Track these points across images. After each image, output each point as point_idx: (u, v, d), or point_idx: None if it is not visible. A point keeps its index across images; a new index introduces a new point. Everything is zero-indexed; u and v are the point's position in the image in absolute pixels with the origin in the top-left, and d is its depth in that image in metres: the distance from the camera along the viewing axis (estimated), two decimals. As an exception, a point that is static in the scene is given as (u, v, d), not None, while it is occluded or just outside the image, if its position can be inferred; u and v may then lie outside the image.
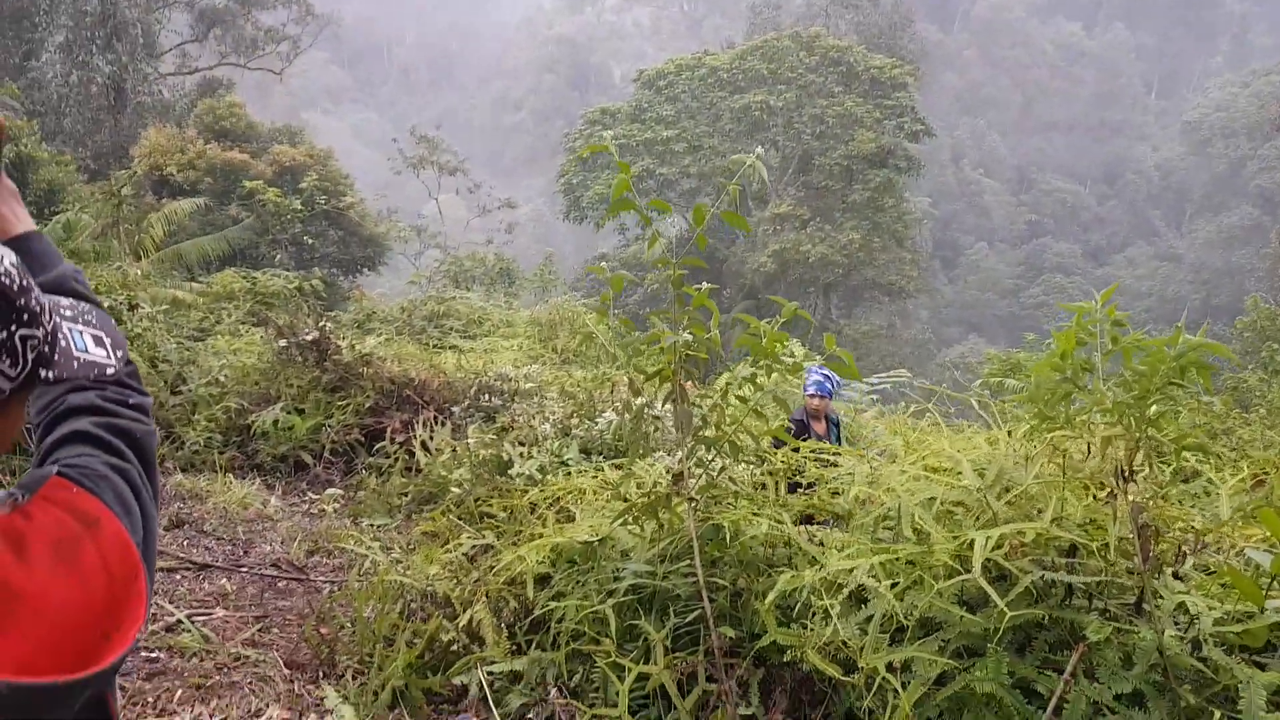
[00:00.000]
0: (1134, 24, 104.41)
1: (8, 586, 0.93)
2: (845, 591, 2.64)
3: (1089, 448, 2.76)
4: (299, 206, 20.05)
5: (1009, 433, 3.26)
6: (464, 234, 35.67)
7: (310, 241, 20.72)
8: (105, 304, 9.59)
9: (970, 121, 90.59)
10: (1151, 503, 2.53)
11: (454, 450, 7.72)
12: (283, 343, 9.06)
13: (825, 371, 5.97)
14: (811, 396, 6.06)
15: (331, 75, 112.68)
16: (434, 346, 12.41)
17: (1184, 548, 2.66)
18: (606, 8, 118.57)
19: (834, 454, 4.00)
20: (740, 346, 3.79)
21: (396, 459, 8.01)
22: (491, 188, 40.56)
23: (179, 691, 4.09)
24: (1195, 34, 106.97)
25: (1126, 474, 2.44)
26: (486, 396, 9.09)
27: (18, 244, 1.34)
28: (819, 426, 6.05)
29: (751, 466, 4.06)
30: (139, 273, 11.94)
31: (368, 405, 8.74)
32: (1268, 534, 2.41)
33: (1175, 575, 2.69)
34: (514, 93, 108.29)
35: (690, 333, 3.56)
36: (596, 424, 7.76)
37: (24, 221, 1.38)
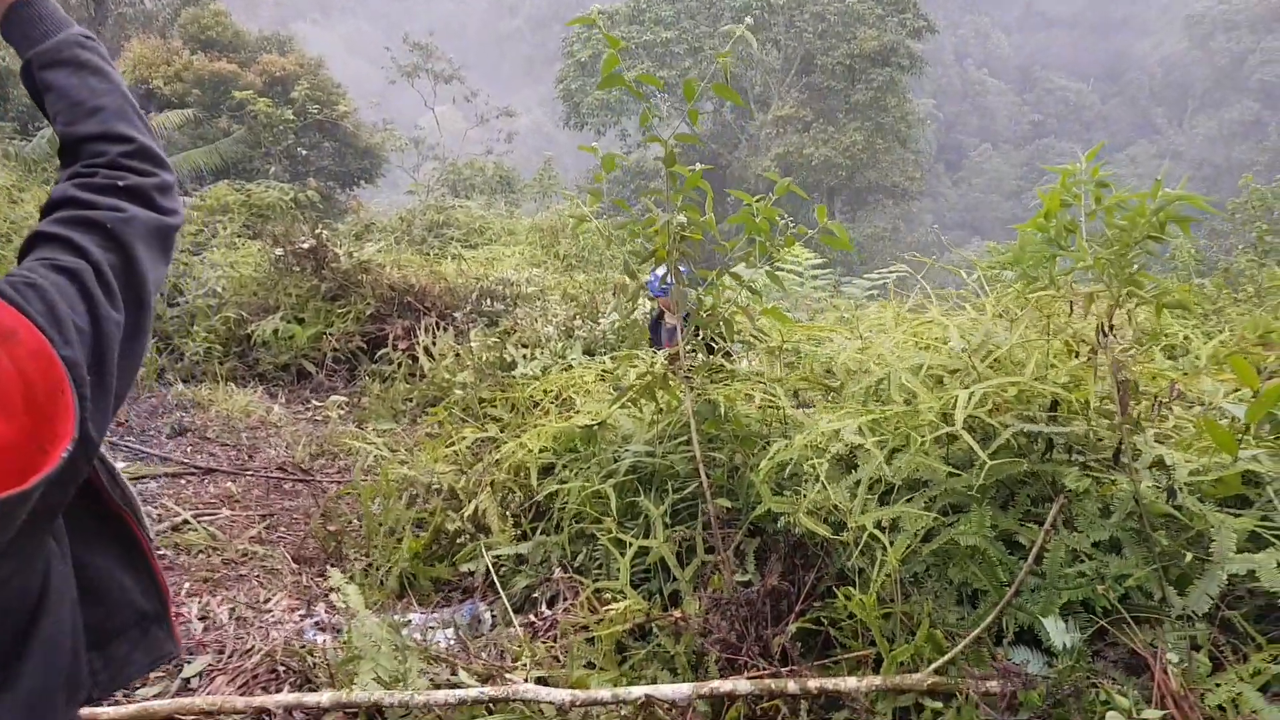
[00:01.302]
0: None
1: None
2: (833, 453, 2.72)
3: (1072, 308, 2.80)
4: (291, 117, 19.74)
5: (996, 299, 3.31)
6: (462, 145, 35.15)
7: (304, 153, 20.48)
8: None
9: (973, 19, 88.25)
10: (1131, 358, 2.59)
11: (457, 354, 7.79)
12: (279, 251, 9.05)
13: (657, 272, 6.24)
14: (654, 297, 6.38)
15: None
16: (435, 256, 12.39)
17: (1160, 399, 2.72)
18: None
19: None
20: (734, 224, 3.80)
21: (400, 365, 8.08)
22: (489, 97, 39.78)
23: (186, 584, 4.23)
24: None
25: (1107, 330, 2.48)
26: (489, 301, 9.11)
27: (10, 13, 1.22)
28: (671, 320, 6.30)
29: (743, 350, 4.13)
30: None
31: (369, 313, 8.78)
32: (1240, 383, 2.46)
33: (1155, 437, 2.75)
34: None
35: (684, 214, 3.57)
36: (599, 325, 7.80)
37: None
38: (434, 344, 8.10)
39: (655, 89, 32.37)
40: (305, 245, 8.99)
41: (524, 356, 7.33)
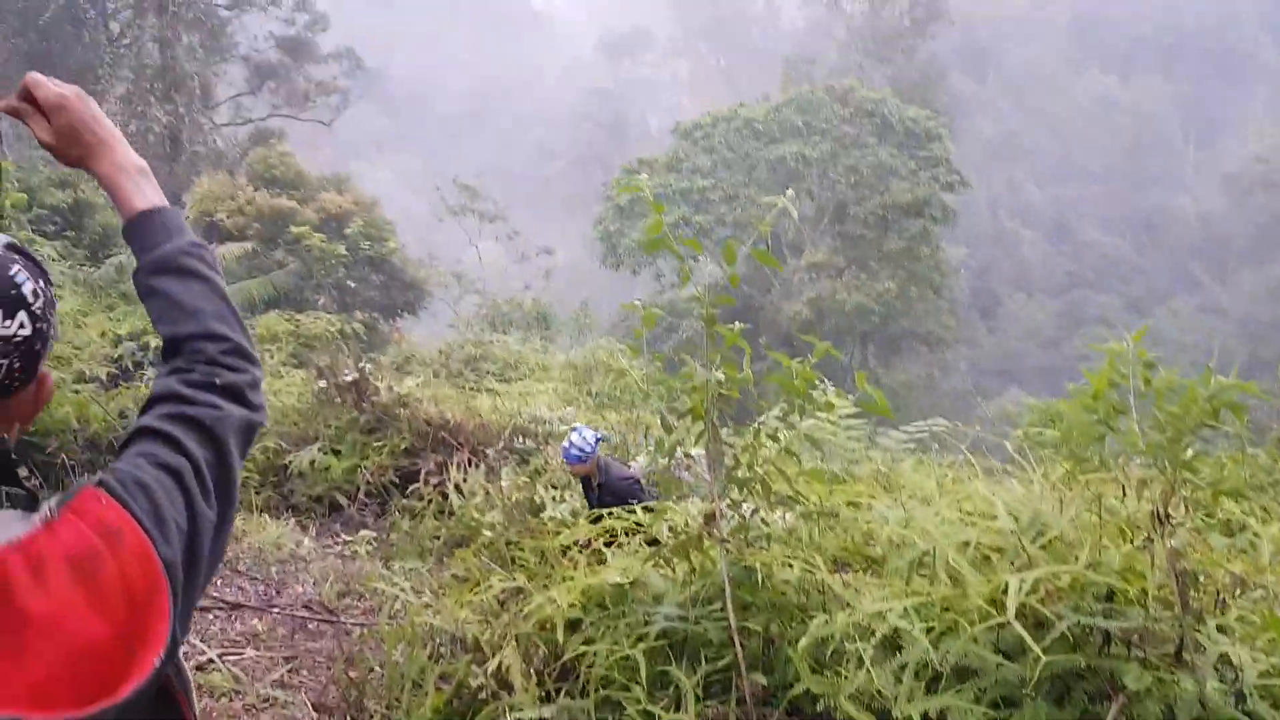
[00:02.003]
0: (1170, 75, 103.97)
1: (22, 612, 0.91)
2: (878, 636, 2.61)
3: (1124, 491, 2.72)
4: (343, 252, 20.46)
5: (1044, 476, 3.23)
6: (502, 280, 36.08)
7: (353, 285, 21.10)
8: (151, 344, 9.82)
9: (1006, 171, 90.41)
10: (1190, 548, 2.49)
11: (487, 493, 7.75)
12: (322, 383, 9.20)
13: (572, 437, 6.36)
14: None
15: (378, 125, 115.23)
16: (470, 389, 12.52)
17: (1224, 595, 2.60)
18: (645, 61, 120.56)
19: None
20: (771, 383, 3.79)
21: (430, 501, 8.05)
22: (531, 235, 41.07)
23: (208, 733, 4.12)
24: (1232, 85, 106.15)
25: (1163, 518, 2.40)
26: (521, 439, 9.13)
27: (133, 222, 1.31)
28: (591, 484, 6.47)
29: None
30: (185, 315, 12.19)
31: (403, 447, 8.82)
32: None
33: (1219, 629, 2.62)
34: (553, 141, 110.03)
35: (722, 372, 3.57)
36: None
37: (147, 197, 1.33)
38: (465, 481, 8.08)
39: (692, 231, 33.26)
40: (348, 378, 9.13)
41: (554, 499, 7.28)
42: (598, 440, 6.38)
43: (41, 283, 1.12)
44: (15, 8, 26.97)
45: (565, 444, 6.39)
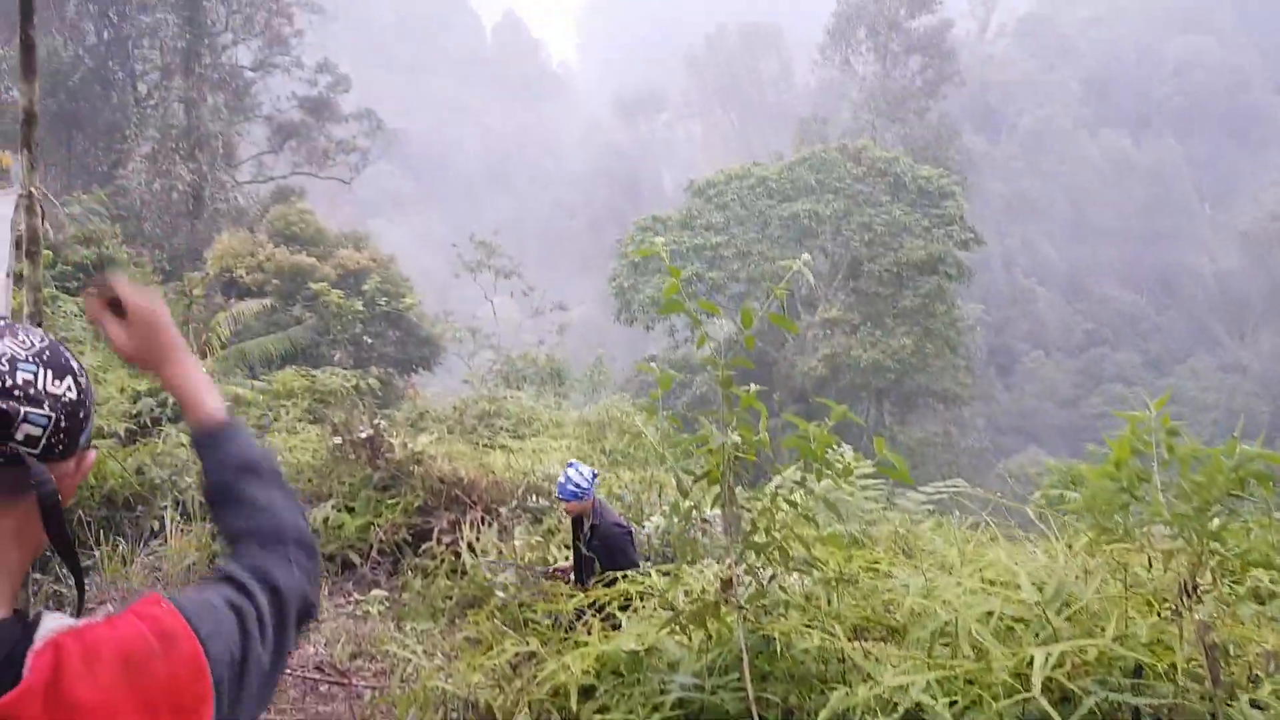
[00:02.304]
0: (1183, 135, 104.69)
1: (68, 700, 0.93)
2: (901, 710, 2.55)
3: (1150, 561, 2.67)
4: (360, 308, 20.66)
5: (1068, 545, 3.17)
6: (517, 335, 36.29)
7: (369, 341, 21.25)
8: (170, 400, 9.88)
9: (1020, 229, 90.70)
10: (1220, 621, 2.43)
11: (500, 552, 7.69)
12: (337, 440, 9.20)
13: (568, 472, 6.11)
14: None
15: (396, 184, 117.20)
16: (484, 445, 12.50)
17: (1256, 668, 2.53)
18: (660, 121, 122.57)
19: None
20: (789, 448, 3.77)
21: (442, 560, 7.99)
22: (545, 291, 41.34)
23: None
24: (1247, 146, 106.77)
25: (1191, 590, 2.35)
26: (534, 497, 9.09)
27: (212, 430, 1.40)
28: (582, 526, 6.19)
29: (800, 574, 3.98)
30: (204, 370, 12.29)
31: (417, 504, 8.78)
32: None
33: (1252, 704, 2.55)
34: (569, 200, 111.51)
35: (739, 434, 3.55)
36: (644, 528, 7.69)
37: (219, 406, 1.43)
38: (478, 539, 8.02)
39: (705, 287, 33.45)
40: (363, 434, 9.14)
41: (567, 558, 7.21)
42: (594, 477, 6.18)
43: (84, 375, 1.19)
44: (46, 69, 27.75)
45: (561, 479, 6.15)
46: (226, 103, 31.63)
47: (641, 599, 4.97)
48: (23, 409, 1.05)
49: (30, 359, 1.09)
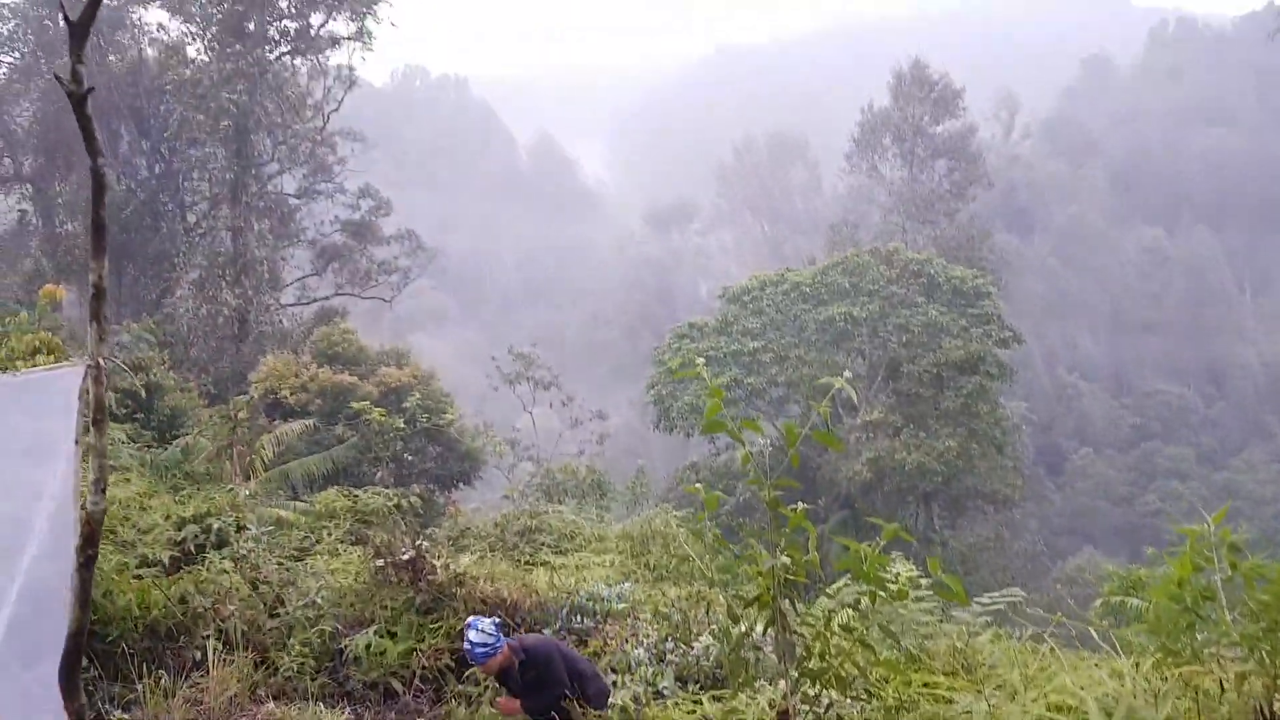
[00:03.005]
0: (1217, 226, 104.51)
1: None
2: None
3: (1222, 684, 2.55)
4: (401, 425, 20.86)
5: (1135, 665, 3.05)
6: (557, 446, 36.29)
7: (410, 458, 21.36)
8: (214, 526, 9.94)
9: (1060, 325, 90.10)
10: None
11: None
12: (379, 562, 9.17)
13: (470, 636, 5.84)
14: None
15: (436, 299, 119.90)
16: (526, 563, 12.37)
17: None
18: (692, 230, 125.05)
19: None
20: (841, 570, 3.70)
21: (486, 688, 7.83)
22: (584, 400, 41.54)
23: None
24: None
25: (1267, 713, 2.23)
26: (578, 618, 8.94)
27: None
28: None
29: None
30: (247, 493, 12.43)
31: (460, 628, 8.65)
32: None
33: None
34: (605, 310, 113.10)
35: (788, 555, 3.50)
36: (693, 649, 7.50)
37: None
38: (523, 663, 7.85)
39: (744, 392, 33.42)
40: (405, 556, 9.10)
41: (614, 683, 7.03)
42: (497, 626, 5.96)
43: None
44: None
45: (466, 646, 5.87)
46: (272, 229, 32.84)
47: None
48: None
49: None
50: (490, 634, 5.85)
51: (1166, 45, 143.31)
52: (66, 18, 3.57)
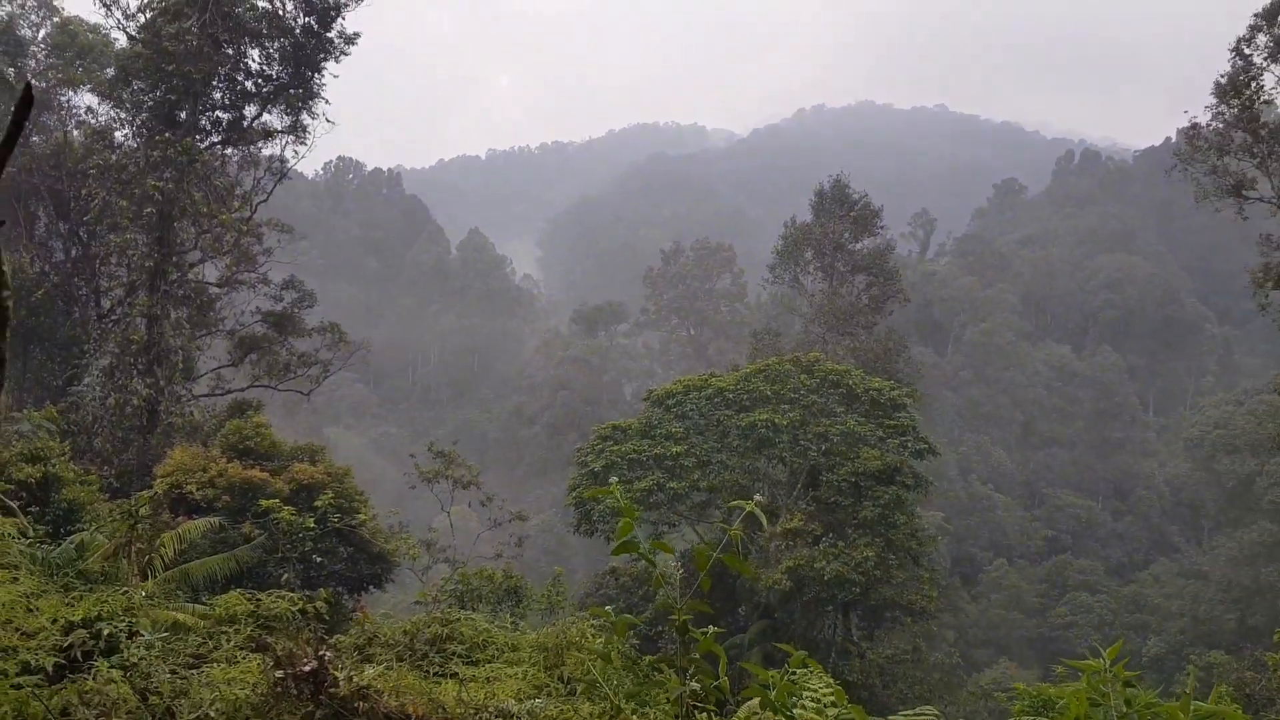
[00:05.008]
0: (1121, 346, 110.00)
1: None
2: None
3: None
4: (312, 525, 20.18)
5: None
6: (474, 546, 35.44)
7: (319, 560, 20.61)
8: (105, 630, 9.38)
9: (974, 437, 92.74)
10: None
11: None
12: (279, 673, 8.72)
13: None
14: None
15: (356, 392, 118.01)
16: (435, 674, 11.91)
17: None
18: (619, 332, 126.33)
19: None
20: (748, 696, 3.68)
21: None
22: (504, 500, 40.85)
23: None
24: (1182, 356, 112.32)
25: None
26: (486, 735, 8.59)
27: None
28: None
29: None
30: (144, 594, 11.80)
31: (361, 745, 8.24)
32: None
33: None
34: (530, 408, 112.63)
35: (697, 681, 3.47)
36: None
37: None
38: (426, 785, 7.48)
39: (665, 497, 33.32)
40: (307, 668, 8.68)
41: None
42: None
43: None
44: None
45: None
46: (189, 318, 32.06)
47: None
48: None
49: None
50: None
51: (1072, 174, 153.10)
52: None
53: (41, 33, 38.38)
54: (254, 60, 32.27)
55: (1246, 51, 35.25)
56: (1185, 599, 63.21)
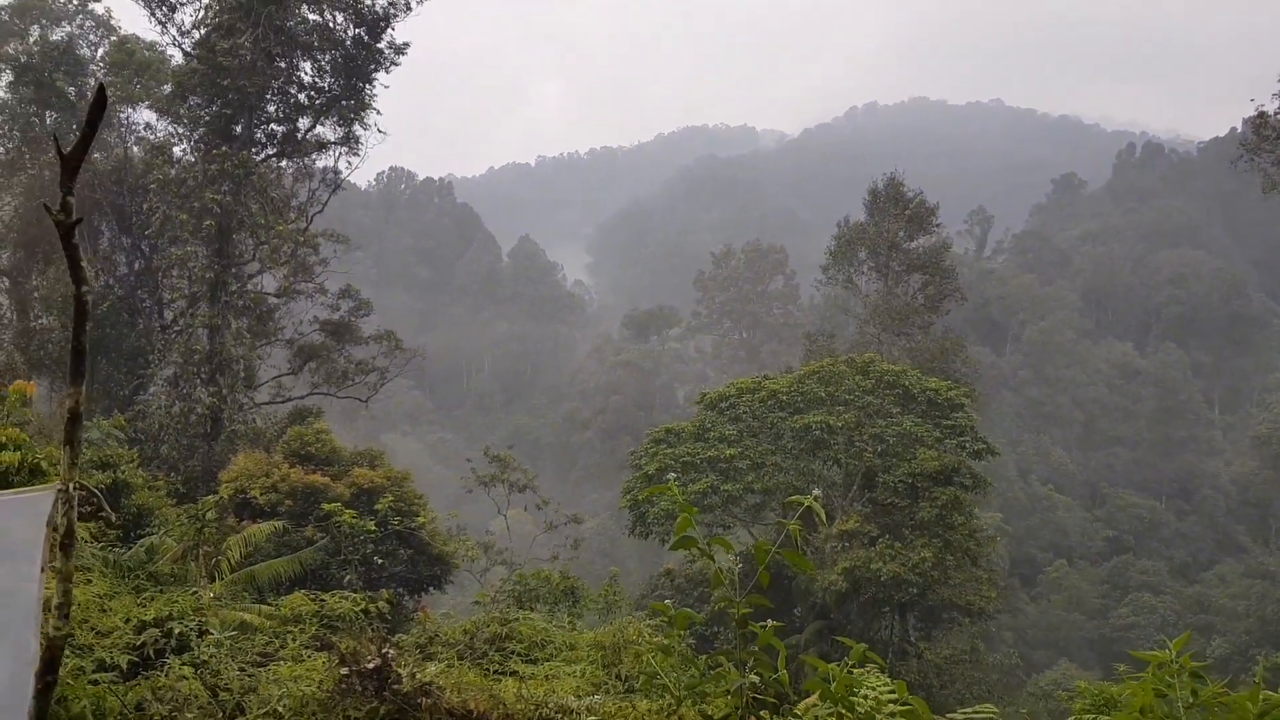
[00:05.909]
0: (1185, 343, 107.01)
1: None
2: None
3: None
4: (373, 527, 20.55)
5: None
6: (530, 549, 35.75)
7: (380, 561, 20.97)
8: (175, 629, 9.68)
9: (1033, 437, 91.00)
10: None
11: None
12: (344, 670, 8.93)
13: None
14: None
15: (413, 399, 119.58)
16: (495, 672, 12.07)
17: None
18: (671, 336, 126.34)
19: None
20: (810, 690, 3.70)
21: (450, 802, 7.55)
22: (559, 504, 41.13)
23: None
24: (1249, 352, 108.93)
25: None
26: (546, 732, 8.70)
27: None
28: None
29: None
30: (212, 596, 12.15)
31: (424, 740, 8.40)
32: None
33: None
34: (582, 413, 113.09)
35: (756, 673, 3.50)
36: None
37: None
38: (488, 781, 7.61)
39: (719, 499, 33.26)
40: (371, 665, 8.88)
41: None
42: None
43: None
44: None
45: None
46: (250, 328, 32.85)
47: None
48: None
49: None
50: None
51: (1133, 168, 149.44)
52: (60, 150, 3.66)
53: (100, 51, 39.59)
54: (306, 73, 33.02)
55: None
56: (1252, 599, 61.25)
